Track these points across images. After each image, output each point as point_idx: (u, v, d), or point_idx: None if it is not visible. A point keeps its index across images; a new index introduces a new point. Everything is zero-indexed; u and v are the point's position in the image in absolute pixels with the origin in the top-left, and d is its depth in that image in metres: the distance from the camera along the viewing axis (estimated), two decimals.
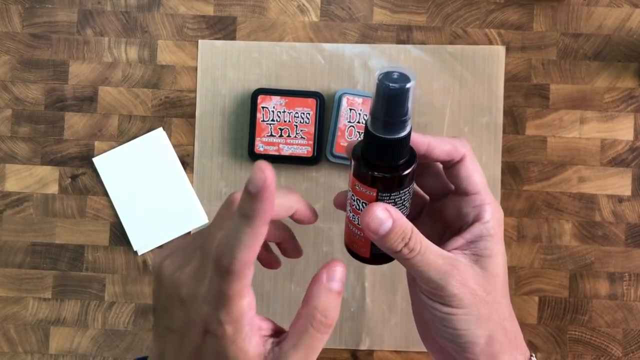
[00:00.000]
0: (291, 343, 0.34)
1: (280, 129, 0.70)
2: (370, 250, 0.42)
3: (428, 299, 0.40)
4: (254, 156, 0.70)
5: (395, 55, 0.72)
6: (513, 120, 0.72)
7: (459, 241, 0.41)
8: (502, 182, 0.71)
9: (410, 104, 0.34)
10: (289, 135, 0.70)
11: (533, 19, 0.72)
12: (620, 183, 0.72)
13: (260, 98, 0.70)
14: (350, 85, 0.72)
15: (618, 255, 0.71)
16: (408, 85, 0.33)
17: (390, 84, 0.33)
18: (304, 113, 0.70)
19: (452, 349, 0.41)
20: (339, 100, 0.70)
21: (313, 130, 0.70)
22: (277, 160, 0.70)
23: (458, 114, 0.72)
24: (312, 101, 0.70)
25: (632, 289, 0.71)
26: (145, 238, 0.71)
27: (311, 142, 0.70)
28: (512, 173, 0.72)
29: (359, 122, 0.70)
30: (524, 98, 0.72)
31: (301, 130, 0.70)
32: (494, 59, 0.72)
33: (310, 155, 0.70)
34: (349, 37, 0.72)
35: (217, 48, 0.72)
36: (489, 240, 0.40)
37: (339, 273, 0.35)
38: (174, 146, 0.72)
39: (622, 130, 0.72)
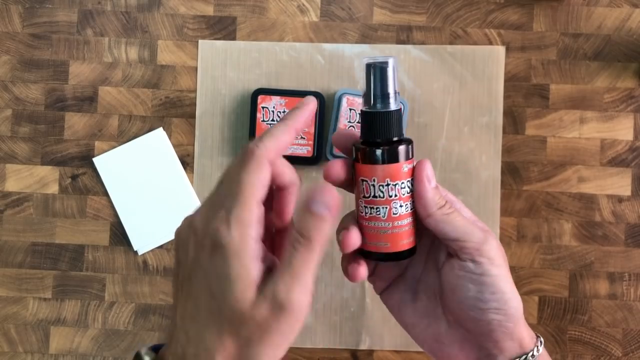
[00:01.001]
0: (278, 273, 0.34)
1: None
2: (405, 238, 0.41)
3: (473, 264, 0.42)
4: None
5: (395, 55, 0.72)
6: (513, 120, 0.72)
7: None
8: (502, 182, 0.72)
9: (394, 81, 0.39)
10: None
11: (533, 19, 0.72)
12: (620, 183, 0.72)
13: (260, 98, 0.70)
14: (350, 85, 0.72)
15: (618, 255, 0.71)
16: (390, 61, 0.39)
17: (375, 60, 0.39)
18: None
19: (496, 322, 0.42)
20: (339, 100, 0.70)
21: (313, 130, 0.70)
22: None
23: (458, 114, 0.72)
24: None
25: (632, 289, 0.71)
26: (145, 238, 0.71)
27: (311, 142, 0.70)
28: (512, 173, 0.72)
29: (359, 122, 0.70)
30: (523, 98, 0.72)
31: (301, 130, 0.70)
32: (493, 59, 0.72)
33: (310, 155, 0.70)
34: (349, 37, 0.73)
35: (217, 48, 0.72)
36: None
37: (319, 195, 0.35)
38: (174, 146, 0.72)
39: (622, 130, 0.72)
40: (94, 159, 0.72)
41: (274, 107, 0.70)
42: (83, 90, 0.73)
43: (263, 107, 0.70)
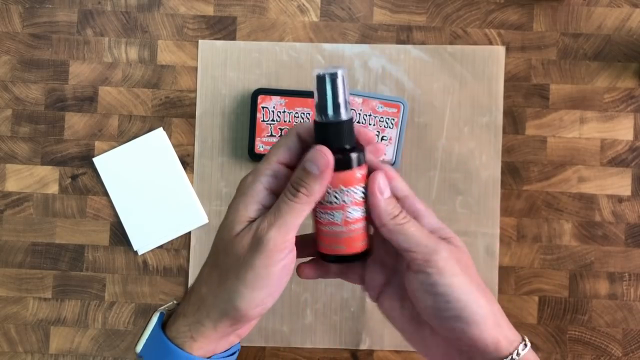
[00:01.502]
0: (266, 214, 0.39)
1: (280, 129, 0.70)
2: (360, 240, 0.43)
3: (423, 275, 0.41)
4: (254, 156, 0.70)
5: (395, 55, 0.72)
6: (513, 120, 0.72)
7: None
8: (502, 182, 0.72)
9: (341, 95, 0.40)
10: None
11: (533, 19, 0.72)
12: (620, 183, 0.72)
13: (260, 98, 0.70)
14: (350, 85, 0.72)
15: (618, 255, 0.71)
16: (339, 72, 0.40)
17: (325, 72, 0.40)
18: (304, 113, 0.70)
19: (459, 330, 0.42)
20: None
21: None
22: None
23: (458, 114, 0.72)
24: (312, 101, 0.70)
25: (632, 289, 0.71)
26: (145, 238, 0.71)
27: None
28: (512, 173, 0.72)
29: (359, 122, 0.70)
30: (523, 98, 0.72)
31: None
32: (493, 59, 0.72)
33: None
34: (349, 37, 0.73)
35: (217, 48, 0.72)
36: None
37: (313, 156, 0.39)
38: (174, 146, 0.72)
39: (622, 130, 0.72)
40: (94, 159, 0.72)
41: (274, 107, 0.70)
42: (83, 90, 0.73)
43: (263, 107, 0.70)
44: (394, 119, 0.70)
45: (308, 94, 0.70)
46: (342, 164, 0.41)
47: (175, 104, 0.72)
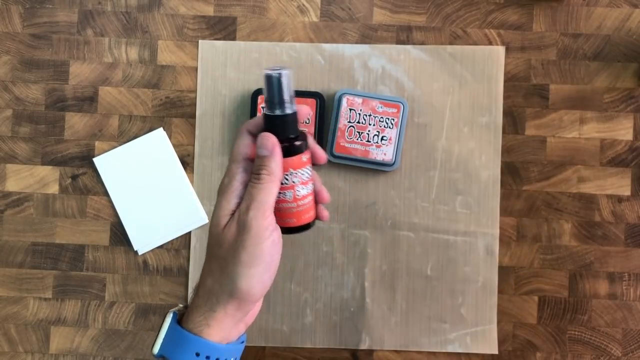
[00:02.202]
0: (242, 202, 0.45)
1: None
2: (307, 213, 0.49)
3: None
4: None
5: (395, 56, 0.72)
6: (513, 121, 0.72)
7: None
8: (502, 182, 0.72)
9: (285, 93, 0.46)
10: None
11: (533, 19, 0.73)
12: (619, 183, 0.72)
13: (260, 98, 0.70)
14: (350, 85, 0.72)
15: (617, 255, 0.71)
16: (283, 72, 0.46)
17: (272, 71, 0.46)
18: None
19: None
20: (339, 100, 0.70)
21: (313, 131, 0.70)
22: None
23: (458, 114, 0.72)
24: (312, 101, 0.70)
25: (632, 289, 0.71)
26: (145, 238, 0.71)
27: None
28: (512, 173, 0.72)
29: (359, 122, 0.70)
30: (523, 98, 0.72)
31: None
32: (493, 59, 0.72)
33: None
34: (349, 37, 0.73)
35: (218, 48, 0.72)
36: None
37: (261, 139, 0.46)
38: (174, 146, 0.72)
39: (621, 130, 0.72)
40: (94, 159, 0.72)
41: None
42: (83, 90, 0.73)
43: (263, 107, 0.70)
44: (393, 119, 0.70)
45: (308, 95, 0.70)
46: (290, 151, 0.47)
47: (176, 104, 0.72)
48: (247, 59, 0.72)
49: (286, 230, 0.49)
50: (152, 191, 0.72)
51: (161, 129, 0.72)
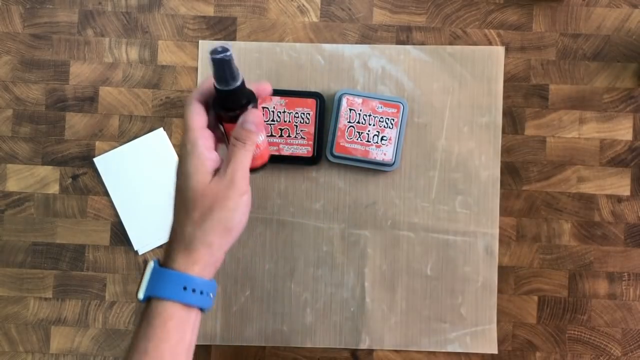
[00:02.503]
0: (227, 163, 0.52)
1: (280, 129, 0.70)
2: (265, 155, 0.56)
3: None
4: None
5: (395, 56, 0.72)
6: (512, 121, 0.72)
7: None
8: (502, 182, 0.72)
9: (233, 68, 0.50)
10: (289, 135, 0.70)
11: (532, 20, 0.73)
12: (619, 183, 0.72)
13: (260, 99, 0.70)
14: (350, 85, 0.72)
15: (617, 255, 0.71)
16: (228, 54, 0.49)
17: (215, 49, 0.50)
18: (304, 113, 0.70)
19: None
20: (338, 100, 0.70)
21: (313, 130, 0.70)
22: (277, 160, 0.70)
23: (458, 114, 0.72)
24: (312, 101, 0.70)
25: (631, 289, 0.71)
26: (145, 238, 0.71)
27: (311, 142, 0.70)
28: (512, 173, 0.72)
29: (358, 122, 0.70)
30: (523, 98, 0.72)
31: (301, 131, 0.70)
32: (493, 59, 0.72)
33: (310, 155, 0.70)
34: (349, 37, 0.73)
35: None
36: None
37: (249, 117, 0.52)
38: (175, 146, 0.72)
39: (621, 130, 0.72)
40: (95, 159, 0.72)
41: (274, 108, 0.70)
42: (84, 90, 0.73)
43: (263, 108, 0.70)
44: (393, 119, 0.70)
45: (308, 95, 0.70)
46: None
47: (176, 104, 0.73)
48: (247, 59, 0.72)
49: (252, 170, 0.55)
50: (152, 191, 0.72)
51: (161, 129, 0.72)
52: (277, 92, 0.70)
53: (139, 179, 0.72)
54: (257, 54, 0.72)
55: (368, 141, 0.70)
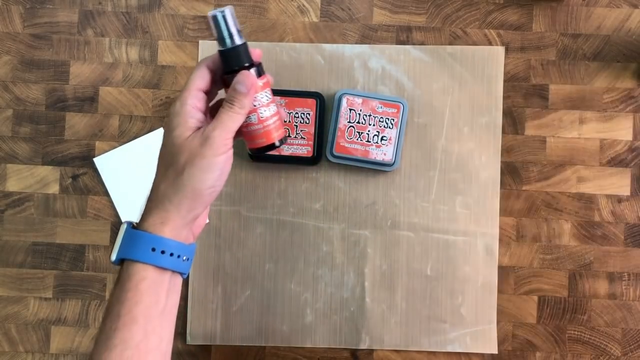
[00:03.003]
0: (211, 121, 0.51)
1: None
2: (274, 132, 0.54)
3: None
4: (254, 157, 0.71)
5: (395, 56, 0.72)
6: (512, 121, 0.72)
7: None
8: (502, 182, 0.72)
9: (232, 26, 0.52)
10: (289, 135, 0.70)
11: (532, 20, 0.73)
12: (619, 183, 0.72)
13: None
14: (350, 85, 0.72)
15: (617, 255, 0.71)
16: (226, 9, 0.51)
17: (215, 11, 0.51)
18: (304, 113, 0.70)
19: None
20: (339, 100, 0.70)
21: (313, 131, 0.70)
22: (278, 160, 0.70)
23: (457, 114, 0.72)
24: (312, 101, 0.70)
25: (631, 289, 0.71)
26: None
27: (311, 142, 0.70)
28: (512, 173, 0.72)
29: (358, 122, 0.70)
30: (523, 98, 0.72)
31: (301, 131, 0.70)
32: (493, 59, 0.72)
33: (310, 155, 0.70)
34: (349, 37, 0.73)
35: None
36: None
37: (241, 79, 0.51)
38: None
39: (621, 130, 0.72)
40: (95, 159, 0.72)
41: None
42: (84, 90, 0.73)
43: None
44: (393, 119, 0.70)
45: (308, 95, 0.70)
46: None
47: None
48: None
49: (257, 150, 0.55)
50: None
51: (161, 129, 0.72)
52: (277, 92, 0.70)
53: (139, 179, 0.72)
54: None
55: (368, 141, 0.70)
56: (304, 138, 0.70)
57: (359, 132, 0.70)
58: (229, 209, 0.72)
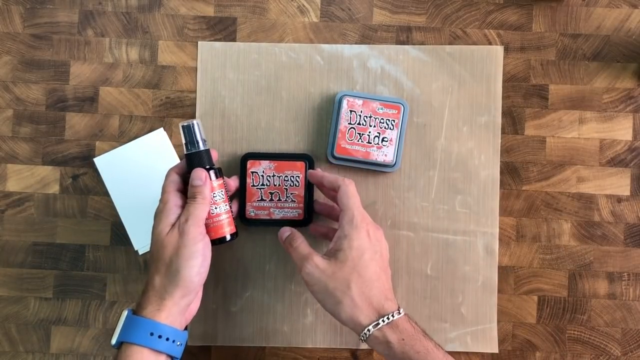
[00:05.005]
0: (181, 214, 0.60)
1: (270, 193, 0.69)
2: (222, 228, 0.62)
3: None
4: (245, 222, 0.70)
5: (394, 56, 0.72)
6: (512, 121, 0.72)
7: (333, 238, 0.61)
8: (501, 182, 0.72)
9: (198, 135, 0.62)
10: (279, 199, 0.69)
11: (532, 20, 0.73)
12: (619, 183, 0.72)
13: (249, 163, 0.69)
14: (349, 85, 0.72)
15: (617, 255, 0.71)
16: (194, 122, 0.62)
17: (185, 122, 0.62)
18: (293, 176, 0.69)
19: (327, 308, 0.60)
20: (339, 102, 0.70)
21: (303, 193, 0.69)
22: (269, 224, 0.69)
23: (457, 113, 0.72)
24: (300, 164, 0.69)
25: (631, 289, 0.71)
26: (146, 238, 0.71)
27: (301, 205, 0.69)
28: (511, 173, 0.72)
29: (359, 123, 0.70)
30: (523, 98, 0.72)
31: (291, 194, 0.69)
32: (492, 59, 0.72)
33: (301, 218, 0.69)
34: (348, 37, 0.73)
35: (217, 49, 0.73)
36: (342, 238, 0.59)
37: (195, 173, 0.60)
38: (175, 146, 0.72)
39: (621, 130, 0.72)
40: (95, 159, 0.72)
41: (263, 172, 0.69)
42: (84, 90, 0.73)
43: (252, 172, 0.69)
44: (394, 120, 0.70)
45: (296, 157, 0.70)
46: None
47: (176, 104, 0.73)
48: (246, 60, 0.72)
49: (212, 241, 0.61)
50: (152, 191, 0.72)
51: (162, 129, 0.72)
52: (265, 156, 0.69)
53: (139, 179, 0.72)
54: (256, 55, 0.72)
55: (369, 142, 0.70)
56: (295, 201, 0.69)
57: (359, 134, 0.70)
58: None
